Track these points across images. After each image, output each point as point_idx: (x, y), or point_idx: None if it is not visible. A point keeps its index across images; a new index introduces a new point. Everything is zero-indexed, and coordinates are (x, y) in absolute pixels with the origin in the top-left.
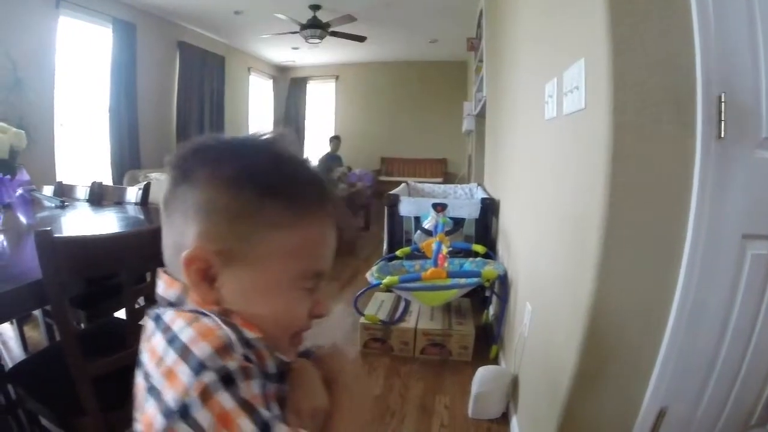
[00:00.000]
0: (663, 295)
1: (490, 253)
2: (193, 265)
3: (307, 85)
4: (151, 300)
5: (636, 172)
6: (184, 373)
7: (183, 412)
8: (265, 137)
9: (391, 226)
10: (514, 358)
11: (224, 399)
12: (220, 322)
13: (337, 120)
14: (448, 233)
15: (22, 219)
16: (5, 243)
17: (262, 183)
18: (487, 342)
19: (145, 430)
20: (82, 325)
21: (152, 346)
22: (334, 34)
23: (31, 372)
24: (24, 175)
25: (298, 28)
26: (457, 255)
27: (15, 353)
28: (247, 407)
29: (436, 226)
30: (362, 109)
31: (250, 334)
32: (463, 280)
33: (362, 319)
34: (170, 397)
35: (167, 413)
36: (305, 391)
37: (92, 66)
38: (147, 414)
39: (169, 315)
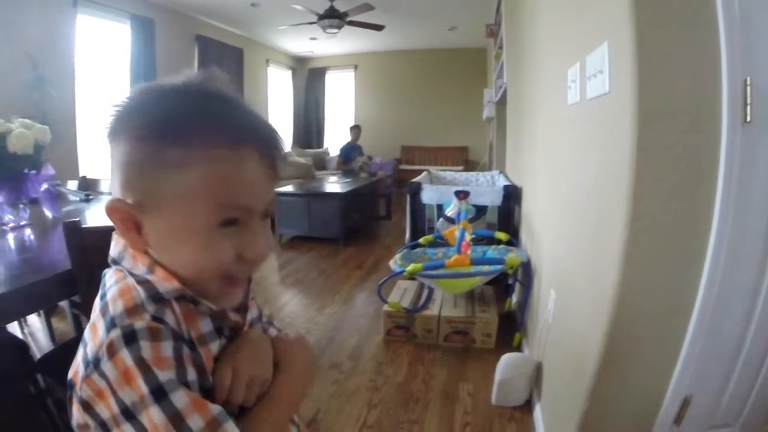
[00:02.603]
0: (688, 283)
1: (513, 241)
2: (114, 216)
3: (326, 75)
4: None
5: (661, 156)
6: (101, 328)
7: (96, 363)
8: (183, 81)
9: (414, 214)
10: (537, 345)
11: (125, 356)
12: (134, 282)
13: (357, 109)
14: (470, 221)
15: (48, 213)
16: (32, 236)
17: (165, 128)
18: (510, 329)
19: (73, 376)
20: None
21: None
22: (352, 23)
23: (59, 362)
24: (49, 170)
25: (315, 19)
26: (479, 242)
27: (43, 344)
28: (143, 367)
29: (458, 214)
30: (382, 98)
31: (169, 287)
32: (486, 268)
33: (386, 307)
34: (89, 349)
35: (86, 363)
36: (248, 357)
37: (112, 62)
38: (76, 362)
39: (109, 273)
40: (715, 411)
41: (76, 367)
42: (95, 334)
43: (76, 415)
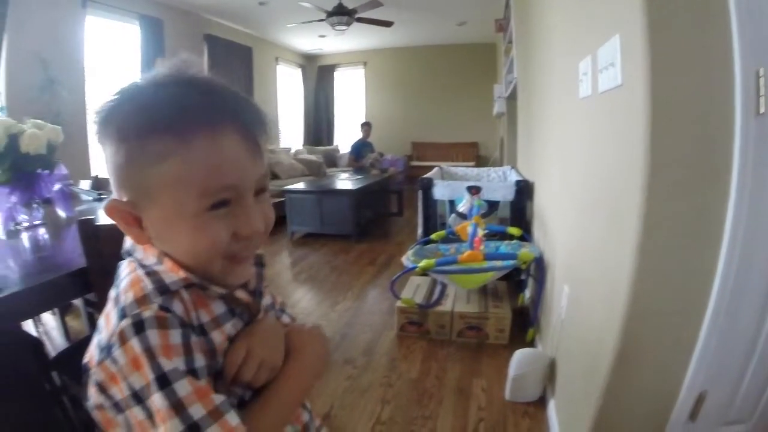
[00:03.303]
0: (703, 277)
1: (526, 236)
2: (113, 215)
3: (336, 73)
4: None
5: (674, 149)
6: (113, 317)
7: (108, 350)
8: (154, 75)
9: (426, 210)
10: (551, 340)
11: (135, 344)
12: (144, 273)
13: (367, 106)
14: (482, 216)
15: (61, 212)
16: (46, 235)
17: (141, 125)
18: (524, 325)
19: (88, 361)
20: None
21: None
22: (361, 20)
23: (74, 359)
24: (62, 170)
25: (324, 16)
26: (492, 238)
27: (57, 342)
28: (150, 355)
29: (470, 209)
30: (392, 95)
31: (175, 278)
32: (499, 263)
33: (399, 303)
34: (103, 335)
35: (100, 349)
36: (261, 340)
37: (122, 62)
38: (91, 347)
39: (123, 264)
40: (730, 407)
41: (92, 352)
42: (108, 322)
43: (93, 396)
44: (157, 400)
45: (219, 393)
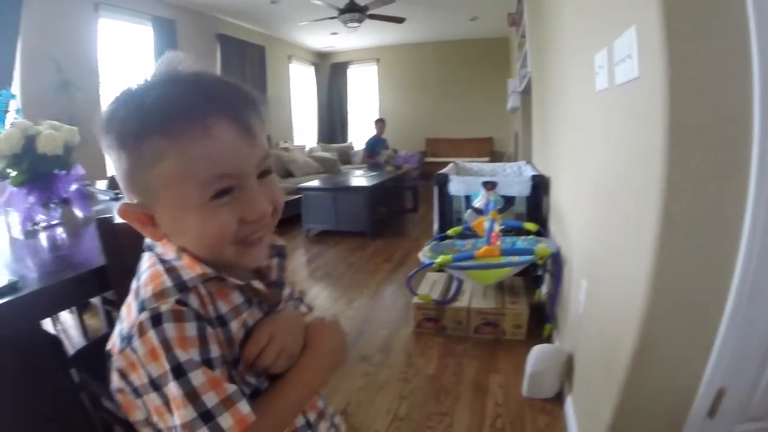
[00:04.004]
0: (723, 271)
1: (542, 231)
2: (127, 218)
3: (348, 70)
4: None
5: (693, 141)
6: (133, 309)
7: (129, 340)
8: (145, 78)
9: (441, 206)
10: (568, 336)
11: (152, 336)
12: (163, 269)
13: (381, 103)
14: (498, 211)
15: (79, 212)
16: (64, 235)
17: (135, 130)
18: (540, 321)
19: (111, 348)
20: None
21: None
22: (373, 16)
23: (92, 356)
24: (79, 170)
25: (336, 13)
26: (508, 233)
27: (75, 340)
28: (166, 347)
29: (487, 205)
30: (405, 91)
31: (192, 275)
32: (516, 258)
33: (415, 299)
34: (125, 326)
35: (122, 339)
36: (284, 327)
37: (136, 63)
38: (114, 336)
39: (145, 257)
40: (749, 404)
41: (114, 340)
42: (129, 313)
43: (114, 381)
44: (172, 389)
45: (234, 382)
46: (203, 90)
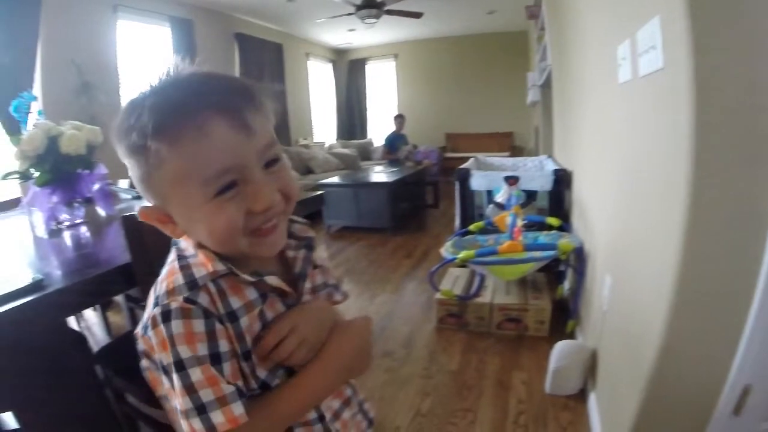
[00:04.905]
0: (751, 266)
1: (565, 226)
2: (147, 219)
3: (366, 66)
4: None
5: (720, 133)
6: (151, 302)
7: (146, 328)
8: (147, 86)
9: (463, 201)
10: (592, 332)
11: (163, 329)
12: (178, 266)
13: (400, 99)
14: (521, 206)
15: (102, 211)
16: (88, 233)
17: (139, 139)
18: (563, 317)
19: (137, 330)
20: None
21: None
22: (390, 12)
23: (117, 353)
24: (101, 170)
25: (353, 10)
26: (530, 228)
27: (99, 337)
28: (172, 342)
29: (509, 199)
30: (424, 87)
31: (204, 273)
32: (538, 254)
33: (438, 295)
34: (145, 316)
35: (143, 327)
36: (308, 320)
37: (155, 63)
38: (139, 324)
39: (171, 252)
40: None
41: (139, 326)
42: (148, 306)
43: (143, 361)
44: (175, 379)
45: (244, 375)
46: (194, 90)
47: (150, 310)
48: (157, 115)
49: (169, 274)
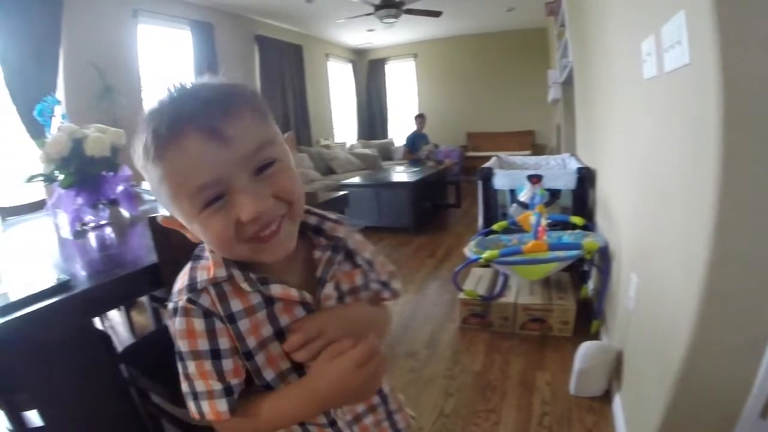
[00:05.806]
0: None
1: (589, 225)
2: (169, 225)
3: (386, 66)
4: None
5: (750, 128)
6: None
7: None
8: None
9: (486, 200)
10: (617, 332)
11: (174, 322)
12: (189, 268)
13: (420, 98)
14: (545, 205)
15: (126, 212)
16: (113, 234)
17: (139, 162)
18: (587, 317)
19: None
20: None
21: None
22: (409, 11)
23: (141, 352)
24: (126, 171)
25: (372, 10)
26: (554, 227)
27: (123, 337)
28: (175, 335)
29: (532, 198)
30: (444, 86)
31: (205, 277)
32: (562, 253)
33: (461, 295)
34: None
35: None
36: (333, 325)
37: (176, 67)
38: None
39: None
40: None
41: None
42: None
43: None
44: (179, 366)
45: (248, 373)
46: (176, 108)
47: (168, 305)
48: (152, 135)
49: (183, 273)
